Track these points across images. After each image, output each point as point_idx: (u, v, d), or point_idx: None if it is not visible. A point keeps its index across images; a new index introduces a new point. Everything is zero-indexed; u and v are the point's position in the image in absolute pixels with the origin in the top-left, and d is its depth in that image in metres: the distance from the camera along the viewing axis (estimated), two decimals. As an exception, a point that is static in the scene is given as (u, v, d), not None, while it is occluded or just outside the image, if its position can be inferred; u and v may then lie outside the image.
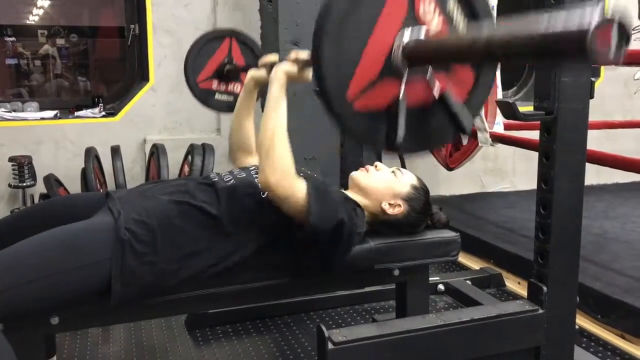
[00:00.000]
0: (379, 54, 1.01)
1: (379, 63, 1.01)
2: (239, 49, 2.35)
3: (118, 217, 1.56)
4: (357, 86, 1.01)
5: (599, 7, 0.68)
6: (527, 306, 1.69)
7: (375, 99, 1.03)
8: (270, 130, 1.56)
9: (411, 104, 1.05)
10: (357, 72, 1.00)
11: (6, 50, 5.11)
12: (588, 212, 1.99)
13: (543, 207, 1.64)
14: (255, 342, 2.39)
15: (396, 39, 1.01)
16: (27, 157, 3.62)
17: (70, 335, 2.39)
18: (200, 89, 2.31)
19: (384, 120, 1.04)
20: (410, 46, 1.00)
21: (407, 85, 1.02)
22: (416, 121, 1.06)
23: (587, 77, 1.55)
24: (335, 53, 0.97)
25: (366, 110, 1.02)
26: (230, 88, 2.35)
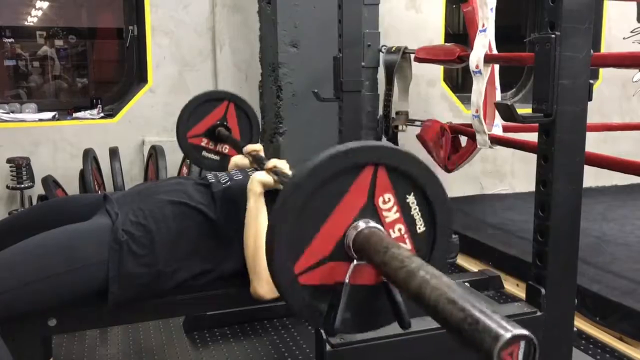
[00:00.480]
0: (333, 236, 1.05)
1: (331, 244, 1.05)
2: (235, 114, 2.41)
3: (115, 219, 1.56)
4: (307, 261, 1.04)
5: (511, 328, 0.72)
6: (526, 308, 1.68)
7: (321, 276, 1.06)
8: (251, 244, 1.59)
9: (356, 285, 1.08)
10: (309, 248, 1.04)
11: (4, 51, 5.10)
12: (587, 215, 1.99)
13: (541, 209, 1.64)
14: (254, 345, 2.38)
15: (349, 226, 1.05)
16: (25, 159, 3.61)
17: (67, 337, 2.39)
18: (189, 143, 2.37)
19: (326, 298, 1.07)
20: (359, 240, 1.04)
21: (355, 269, 1.06)
22: (359, 300, 1.09)
23: (586, 79, 1.55)
24: (292, 227, 1.01)
25: (310, 285, 1.05)
26: (219, 148, 2.41)
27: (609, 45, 4.66)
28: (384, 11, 3.93)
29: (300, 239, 1.03)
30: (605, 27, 4.70)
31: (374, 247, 0.99)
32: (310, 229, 1.03)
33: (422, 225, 1.14)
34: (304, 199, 1.01)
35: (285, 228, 1.01)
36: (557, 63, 1.49)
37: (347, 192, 1.05)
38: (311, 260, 1.05)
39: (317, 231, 1.04)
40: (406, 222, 1.12)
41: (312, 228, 1.04)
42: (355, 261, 1.05)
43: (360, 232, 1.05)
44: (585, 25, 1.50)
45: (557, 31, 1.47)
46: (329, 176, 1.02)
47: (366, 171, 1.06)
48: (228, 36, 4.04)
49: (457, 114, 4.36)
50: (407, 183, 1.10)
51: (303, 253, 1.04)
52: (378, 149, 1.08)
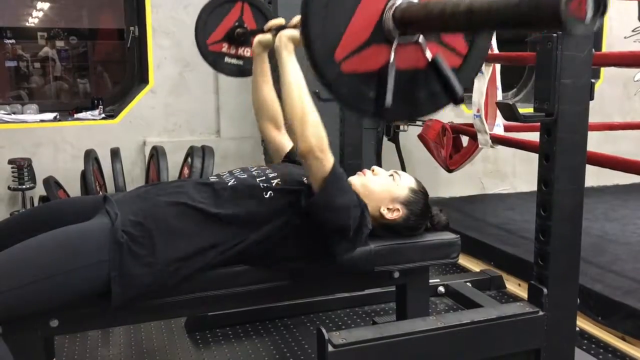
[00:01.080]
0: (370, 18, 1.00)
1: (369, 26, 1.00)
2: (251, 13, 2.31)
3: (115, 219, 1.56)
4: (346, 48, 0.99)
5: None
6: (528, 308, 1.68)
7: (364, 62, 1.01)
8: (296, 98, 1.55)
9: (402, 69, 1.03)
10: (346, 33, 0.98)
11: (6, 52, 5.11)
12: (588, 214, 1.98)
13: (543, 209, 1.64)
14: (255, 345, 2.38)
15: (387, 3, 1.01)
16: (27, 160, 3.61)
17: (69, 338, 2.39)
18: (210, 52, 2.28)
19: (373, 84, 1.02)
20: (399, 11, 0.99)
21: (398, 50, 1.01)
22: (406, 87, 1.05)
23: (587, 78, 1.55)
24: (325, 12, 0.96)
25: (354, 73, 1.00)
26: (241, 52, 2.32)
27: (610, 44, 4.66)
28: (385, 11, 3.92)
29: (336, 25, 0.98)
30: (606, 26, 4.70)
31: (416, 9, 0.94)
32: (343, 13, 0.98)
33: None
34: None
35: (318, 14, 0.96)
36: (559, 62, 1.49)
37: None
38: (351, 46, 0.99)
39: (352, 14, 0.99)
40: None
41: (346, 12, 0.98)
42: (397, 38, 1.00)
43: (398, 6, 1.00)
44: (587, 25, 1.50)
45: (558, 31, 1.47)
46: None
47: None
48: (229, 36, 4.03)
49: (458, 113, 4.36)
50: None
51: (341, 39, 0.98)
52: None
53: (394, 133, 3.85)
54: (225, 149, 4.05)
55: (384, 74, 1.01)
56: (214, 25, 2.28)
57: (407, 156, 4.00)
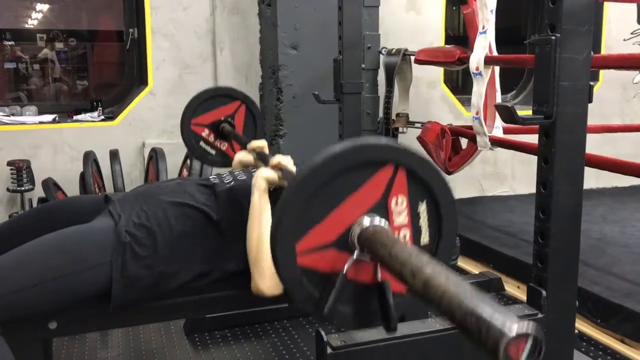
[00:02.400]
0: (340, 224, 1.05)
1: (337, 232, 1.05)
2: (244, 116, 2.40)
3: (118, 220, 1.56)
4: (310, 242, 1.04)
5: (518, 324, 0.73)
6: (527, 310, 1.68)
7: (320, 262, 1.06)
8: (255, 239, 1.58)
9: (353, 279, 1.08)
10: (314, 229, 1.04)
11: (5, 54, 5.11)
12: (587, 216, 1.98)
13: (542, 211, 1.63)
14: (254, 347, 2.38)
15: (358, 219, 1.05)
16: (26, 161, 3.61)
17: (68, 340, 2.39)
18: (191, 130, 2.36)
19: (319, 286, 1.06)
20: (365, 234, 1.04)
21: (354, 263, 1.06)
22: (350, 295, 1.09)
23: (586, 81, 1.55)
24: (304, 202, 1.01)
25: (307, 268, 1.05)
26: (217, 143, 2.41)
27: (609, 47, 4.66)
28: (384, 13, 3.92)
29: (308, 219, 1.02)
30: (605, 29, 4.71)
31: (381, 240, 0.99)
32: (319, 212, 1.03)
33: (427, 237, 1.13)
34: (322, 181, 1.01)
35: (295, 205, 1.00)
36: (558, 65, 1.49)
37: (364, 185, 1.05)
38: (314, 243, 1.04)
39: (326, 216, 1.03)
40: (413, 229, 1.11)
41: (322, 211, 1.03)
42: (357, 253, 1.05)
43: (368, 226, 1.04)
44: (586, 27, 1.50)
45: (557, 33, 1.47)
46: (351, 165, 1.02)
47: (387, 169, 1.06)
48: (228, 38, 4.04)
49: (457, 115, 4.36)
50: (422, 191, 1.10)
51: (307, 234, 1.03)
52: (404, 151, 1.08)
53: (393, 135, 3.85)
54: (224, 150, 4.05)
55: (333, 280, 1.05)
56: (206, 109, 2.36)
57: (406, 158, 3.99)
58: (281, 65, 3.59)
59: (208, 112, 2.37)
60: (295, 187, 1.02)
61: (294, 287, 1.05)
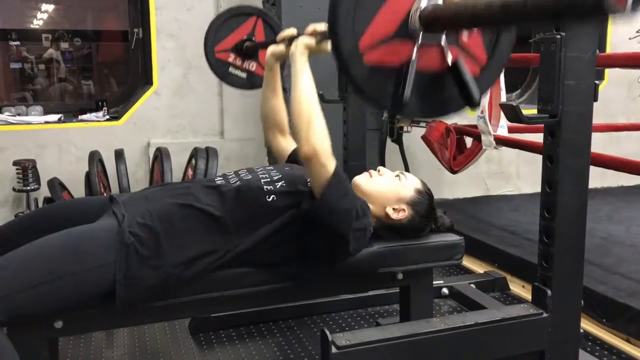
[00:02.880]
0: (396, 13, 1.02)
1: (395, 22, 1.02)
2: (263, 29, 2.34)
3: (122, 220, 1.57)
4: (372, 37, 1.01)
5: None
6: (532, 310, 1.68)
7: (387, 55, 1.03)
8: (306, 103, 1.56)
9: (422, 70, 1.05)
10: (372, 24, 1.00)
11: (10, 54, 5.13)
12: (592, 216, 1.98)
13: (547, 211, 1.63)
14: (259, 346, 2.38)
15: (414, 2, 1.02)
16: (31, 161, 3.62)
17: (74, 339, 2.39)
18: (216, 59, 2.31)
19: (392, 79, 1.03)
20: (426, 11, 1.01)
21: (420, 50, 1.03)
22: (425, 87, 1.06)
23: (591, 80, 1.55)
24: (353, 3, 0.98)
25: (376, 64, 1.01)
26: (246, 65, 2.34)
27: (615, 45, 4.65)
28: (389, 12, 3.92)
29: (363, 15, 0.99)
30: (610, 28, 4.69)
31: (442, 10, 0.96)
32: (373, 4, 1.00)
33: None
34: None
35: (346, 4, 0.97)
36: (563, 64, 1.48)
37: None
38: (376, 37, 1.01)
39: (380, 6, 1.00)
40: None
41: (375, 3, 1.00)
42: (422, 35, 1.01)
43: (426, 7, 1.01)
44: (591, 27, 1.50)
45: (562, 32, 1.47)
46: None
47: None
48: (233, 38, 4.04)
49: (462, 114, 4.35)
50: None
51: (367, 29, 1.00)
52: None
53: (397, 134, 3.85)
54: (229, 150, 4.06)
55: (405, 70, 1.02)
56: (224, 34, 2.31)
57: (411, 157, 3.99)
58: (285, 65, 3.59)
59: (228, 36, 2.31)
60: None
61: (367, 85, 1.02)
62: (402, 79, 1.02)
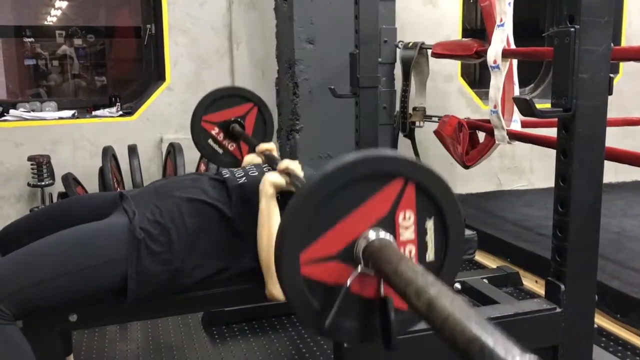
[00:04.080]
0: (345, 236, 1.04)
1: (342, 244, 1.04)
2: (254, 118, 2.41)
3: (133, 217, 1.58)
4: (314, 253, 1.03)
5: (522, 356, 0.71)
6: (545, 305, 1.67)
7: (323, 273, 1.04)
8: (265, 245, 1.57)
9: (354, 292, 1.06)
10: (320, 240, 1.02)
11: (25, 50, 5.16)
12: (607, 210, 1.97)
13: (561, 205, 1.62)
14: (272, 340, 2.39)
15: (364, 233, 1.04)
16: (46, 157, 3.65)
17: (88, 332, 2.42)
18: (201, 126, 2.38)
19: (321, 297, 1.05)
20: (370, 248, 1.02)
21: (357, 277, 1.04)
22: (351, 309, 1.07)
23: (606, 73, 1.53)
24: (311, 211, 1.00)
25: (310, 278, 1.03)
26: (225, 143, 2.42)
27: (629, 38, 4.60)
28: (401, 7, 3.90)
29: (313, 230, 1.01)
30: (625, 20, 4.64)
31: (386, 256, 0.98)
32: (325, 223, 1.02)
33: (432, 254, 1.11)
34: (329, 191, 1.00)
35: (301, 214, 0.99)
36: (577, 57, 1.47)
37: (372, 198, 1.04)
38: (318, 254, 1.03)
39: (332, 227, 1.02)
40: (419, 245, 1.09)
41: (328, 222, 1.02)
42: (361, 267, 1.03)
43: (373, 240, 1.03)
44: (605, 19, 1.49)
45: (576, 25, 1.46)
46: (359, 177, 1.01)
47: (396, 183, 1.04)
48: (244, 33, 4.05)
49: (474, 109, 4.33)
50: (431, 207, 1.08)
51: (312, 244, 1.02)
52: (414, 165, 1.06)
53: (409, 129, 3.84)
54: (241, 145, 4.06)
55: (336, 292, 1.04)
56: (218, 107, 2.38)
57: (423, 152, 3.98)
58: (297, 60, 3.59)
59: (220, 111, 2.38)
60: (302, 196, 1.01)
61: (296, 298, 1.04)
62: (330, 300, 1.03)
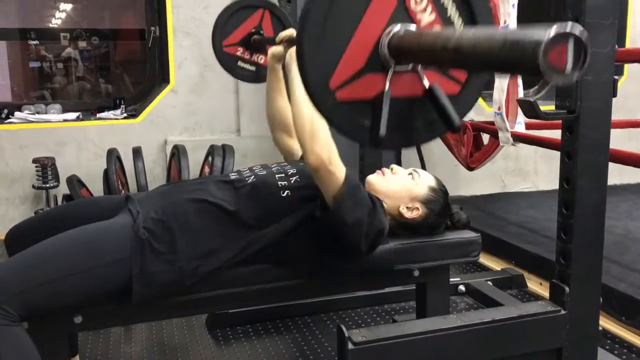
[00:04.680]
0: (365, 45, 0.98)
1: (365, 54, 0.99)
2: (270, 22, 2.33)
3: (137, 217, 1.58)
4: (341, 75, 0.98)
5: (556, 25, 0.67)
6: (549, 307, 1.67)
7: (359, 90, 1.00)
8: (305, 113, 1.53)
9: (398, 97, 1.02)
10: (341, 61, 0.97)
11: (29, 53, 5.19)
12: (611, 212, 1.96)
13: (565, 207, 1.62)
14: (275, 342, 2.39)
15: (384, 30, 0.99)
16: (51, 159, 3.67)
17: (93, 334, 2.42)
18: (224, 53, 2.30)
19: (368, 113, 1.00)
20: (395, 41, 0.98)
21: (394, 79, 1.00)
22: (403, 115, 1.03)
23: (610, 75, 1.53)
24: (320, 39, 0.95)
25: (349, 101, 0.99)
26: (255, 58, 2.34)
27: (634, 40, 4.59)
28: (405, 9, 3.90)
29: (331, 53, 0.96)
30: (630, 22, 4.63)
31: (409, 39, 0.94)
32: (339, 41, 0.97)
33: (461, 25, 1.05)
34: (327, 6, 0.94)
35: (312, 42, 0.94)
36: (581, 59, 1.47)
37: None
38: (346, 74, 0.98)
39: (348, 42, 0.97)
40: (443, 23, 1.04)
41: (342, 40, 0.97)
42: (393, 67, 0.98)
43: (395, 34, 0.98)
44: (610, 20, 1.49)
45: (580, 26, 1.46)
46: None
47: None
48: (249, 36, 4.05)
49: (478, 111, 4.33)
50: None
51: (336, 67, 0.97)
52: None
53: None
54: (245, 147, 4.07)
55: (379, 103, 0.99)
56: (232, 28, 2.30)
57: (427, 154, 3.98)
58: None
59: (235, 30, 2.31)
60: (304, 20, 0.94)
61: (344, 125, 0.99)
62: (378, 113, 0.99)
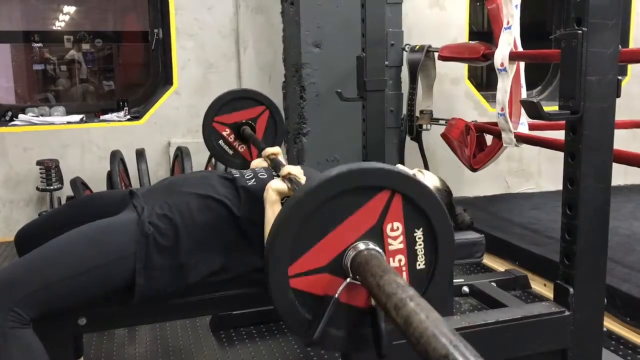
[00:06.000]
0: (333, 249, 1.05)
1: (330, 256, 1.05)
2: (266, 121, 2.44)
3: (142, 212, 1.59)
4: (302, 266, 1.04)
5: None
6: (553, 308, 1.67)
7: (313, 284, 1.06)
8: None
9: (343, 302, 1.07)
10: (308, 253, 1.04)
11: (33, 56, 5.20)
12: (615, 213, 1.96)
13: (569, 208, 1.62)
14: (279, 344, 2.39)
15: (352, 244, 1.05)
16: (54, 161, 3.68)
17: (97, 336, 2.43)
18: (212, 127, 2.41)
19: (312, 308, 1.06)
20: (358, 258, 1.03)
21: (347, 287, 1.05)
22: (342, 319, 1.08)
23: (614, 75, 1.53)
24: (298, 229, 1.01)
25: (300, 290, 1.05)
26: (236, 144, 2.46)
27: (638, 40, 4.58)
28: (407, 10, 3.91)
29: (301, 243, 1.03)
30: (633, 22, 4.62)
31: (371, 269, 0.99)
32: (313, 236, 1.03)
33: (423, 262, 1.13)
34: (316, 205, 1.01)
35: (289, 229, 1.01)
36: (584, 59, 1.47)
37: (358, 210, 1.05)
38: (307, 267, 1.04)
39: (319, 240, 1.04)
40: (408, 255, 1.11)
41: (315, 236, 1.04)
42: (349, 279, 1.04)
43: (361, 251, 1.04)
44: (613, 21, 1.48)
45: (584, 27, 1.46)
46: (345, 190, 1.03)
47: (382, 195, 1.06)
48: (251, 37, 4.06)
49: (482, 112, 4.33)
50: (419, 217, 1.09)
51: (300, 257, 1.04)
52: (399, 176, 1.07)
53: (416, 132, 3.84)
54: (248, 149, 4.07)
55: (326, 305, 1.05)
56: (230, 109, 2.42)
57: (431, 155, 3.98)
58: (304, 64, 3.60)
59: (232, 113, 2.41)
60: (289, 210, 1.02)
61: (286, 310, 1.05)
62: (320, 313, 1.05)
